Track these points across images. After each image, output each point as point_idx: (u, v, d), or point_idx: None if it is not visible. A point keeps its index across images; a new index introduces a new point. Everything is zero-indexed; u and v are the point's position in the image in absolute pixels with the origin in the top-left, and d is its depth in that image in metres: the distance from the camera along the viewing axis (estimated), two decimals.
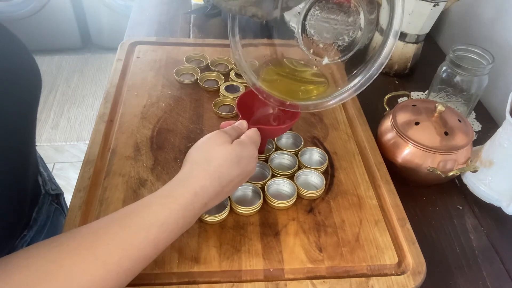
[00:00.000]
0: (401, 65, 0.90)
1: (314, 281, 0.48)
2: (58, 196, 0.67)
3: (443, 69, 0.75)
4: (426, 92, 0.85)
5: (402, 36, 0.50)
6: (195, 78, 0.77)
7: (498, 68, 0.83)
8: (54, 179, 0.70)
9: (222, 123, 0.54)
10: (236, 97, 0.72)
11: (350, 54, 0.55)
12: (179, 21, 1.06)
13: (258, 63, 0.59)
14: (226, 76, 0.78)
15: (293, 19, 0.56)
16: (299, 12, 0.56)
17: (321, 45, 0.56)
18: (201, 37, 0.99)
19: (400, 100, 0.84)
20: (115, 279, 0.37)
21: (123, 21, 1.22)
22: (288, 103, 0.55)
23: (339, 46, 0.56)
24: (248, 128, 0.52)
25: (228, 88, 0.74)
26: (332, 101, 0.54)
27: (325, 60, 0.57)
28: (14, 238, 0.54)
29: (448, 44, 1.04)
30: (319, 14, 0.55)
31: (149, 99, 0.72)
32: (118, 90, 0.73)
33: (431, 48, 1.03)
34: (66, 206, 0.71)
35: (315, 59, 0.58)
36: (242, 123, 0.52)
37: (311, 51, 0.57)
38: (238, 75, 0.78)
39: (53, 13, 2.31)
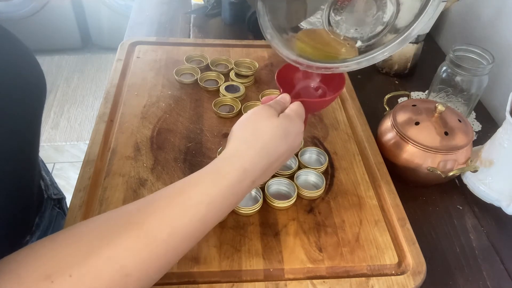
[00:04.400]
0: (401, 65, 0.90)
1: (314, 281, 0.48)
2: (60, 200, 0.67)
3: (443, 69, 0.75)
4: (426, 92, 0.85)
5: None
6: (195, 78, 0.77)
7: (498, 68, 0.83)
8: (56, 183, 0.69)
9: (264, 98, 0.51)
10: (236, 97, 0.72)
11: (385, 32, 0.52)
12: (179, 21, 1.06)
13: (288, 37, 0.56)
14: (226, 76, 0.78)
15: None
16: (322, 6, 0.55)
17: (352, 30, 0.54)
18: (201, 37, 0.99)
19: (400, 100, 0.84)
20: (163, 257, 0.36)
21: (123, 21, 1.22)
22: (332, 66, 0.50)
23: (374, 25, 0.53)
24: (291, 102, 0.49)
25: (228, 88, 0.74)
26: (387, 52, 0.48)
27: (358, 43, 0.54)
28: (18, 245, 0.54)
29: (448, 44, 1.04)
30: (345, 5, 0.54)
31: (149, 99, 0.72)
32: (118, 90, 0.73)
33: (431, 48, 1.03)
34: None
35: (347, 44, 0.55)
36: (284, 96, 0.49)
37: (342, 37, 0.55)
38: (238, 75, 0.78)
39: (53, 13, 2.31)
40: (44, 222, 0.60)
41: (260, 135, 0.43)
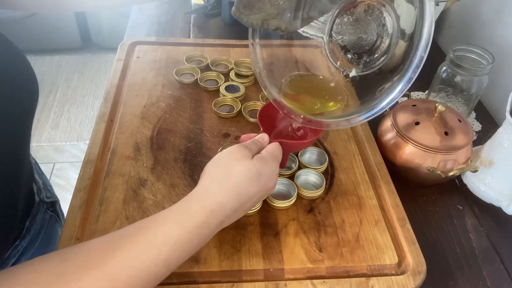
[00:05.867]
0: None
1: (314, 281, 0.48)
2: (53, 203, 0.66)
3: (443, 69, 0.75)
4: (426, 92, 0.85)
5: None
6: (195, 78, 0.77)
7: (498, 68, 0.83)
8: (51, 185, 0.68)
9: (242, 136, 0.51)
10: (236, 97, 0.72)
11: (379, 65, 0.53)
12: (179, 21, 1.06)
13: (280, 77, 0.57)
14: (226, 76, 0.78)
15: (311, 29, 0.56)
16: (323, 22, 0.55)
17: (349, 56, 0.55)
18: (201, 37, 0.99)
19: (400, 100, 0.84)
20: None
21: (123, 21, 1.22)
22: (311, 120, 0.52)
23: (368, 55, 0.54)
24: (269, 142, 0.50)
25: (228, 88, 0.74)
26: (359, 119, 0.49)
27: (353, 72, 0.55)
28: (5, 249, 0.53)
29: (448, 44, 1.04)
30: (346, 23, 0.54)
31: (149, 99, 0.72)
32: (118, 90, 0.73)
33: (431, 48, 1.02)
34: (62, 213, 0.70)
35: (342, 72, 0.56)
36: (263, 136, 0.50)
37: (338, 63, 0.56)
38: (238, 75, 0.78)
39: (53, 13, 2.31)
40: (36, 226, 0.59)
41: (231, 176, 0.43)
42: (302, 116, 0.52)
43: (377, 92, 0.50)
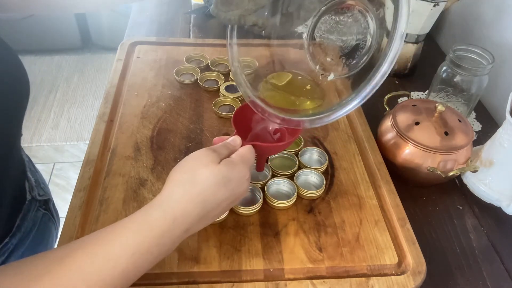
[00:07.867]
0: (401, 65, 0.90)
1: (314, 281, 0.48)
2: (46, 201, 0.65)
3: (443, 69, 0.75)
4: (426, 92, 0.85)
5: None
6: (195, 78, 0.77)
7: (498, 68, 0.83)
8: (45, 183, 0.68)
9: (215, 138, 0.49)
10: (236, 97, 0.72)
11: (360, 67, 0.51)
12: (179, 21, 1.06)
13: (256, 77, 0.56)
14: (226, 76, 0.78)
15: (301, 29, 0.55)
16: (306, 24, 0.54)
17: (329, 59, 0.54)
18: (201, 37, 0.99)
19: (400, 100, 0.84)
20: None
21: (123, 21, 1.22)
22: (282, 117, 0.50)
23: (348, 57, 0.53)
24: (243, 145, 0.48)
25: (228, 88, 0.74)
26: (333, 116, 0.47)
27: (331, 76, 0.54)
28: None
29: (448, 44, 1.04)
30: (328, 24, 0.53)
31: (149, 99, 0.72)
32: (118, 90, 0.73)
33: (431, 48, 1.03)
34: (56, 211, 0.70)
35: (321, 75, 0.55)
36: (235, 139, 0.48)
37: (317, 67, 0.55)
38: None
39: (53, 14, 2.31)
40: (27, 223, 0.59)
41: (197, 182, 0.41)
42: (275, 115, 0.50)
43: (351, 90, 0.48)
